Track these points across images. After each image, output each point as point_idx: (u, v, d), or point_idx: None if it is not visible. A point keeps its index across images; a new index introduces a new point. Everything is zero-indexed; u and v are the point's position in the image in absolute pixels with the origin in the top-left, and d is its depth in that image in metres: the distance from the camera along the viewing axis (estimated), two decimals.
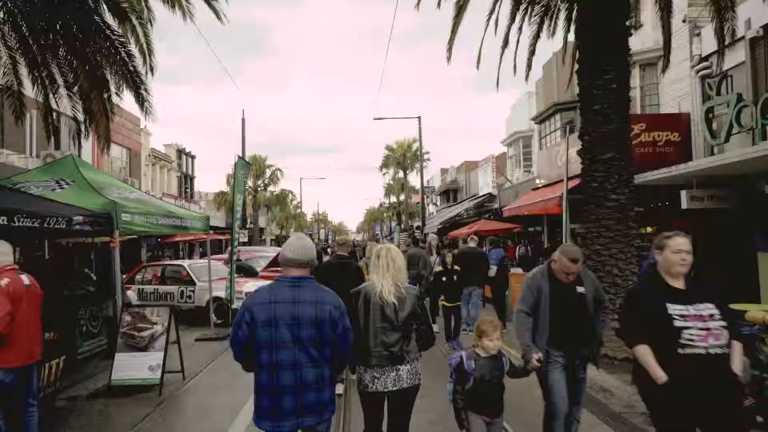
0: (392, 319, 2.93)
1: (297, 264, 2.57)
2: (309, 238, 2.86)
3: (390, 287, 2.97)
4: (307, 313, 2.47)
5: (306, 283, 2.57)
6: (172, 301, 10.14)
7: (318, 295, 2.55)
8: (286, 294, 2.50)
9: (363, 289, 3.10)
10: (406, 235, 31.66)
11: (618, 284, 6.43)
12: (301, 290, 2.52)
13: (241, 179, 8.85)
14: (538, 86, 21.51)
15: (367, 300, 3.00)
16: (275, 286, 2.56)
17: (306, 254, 2.59)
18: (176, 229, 7.16)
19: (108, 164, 22.42)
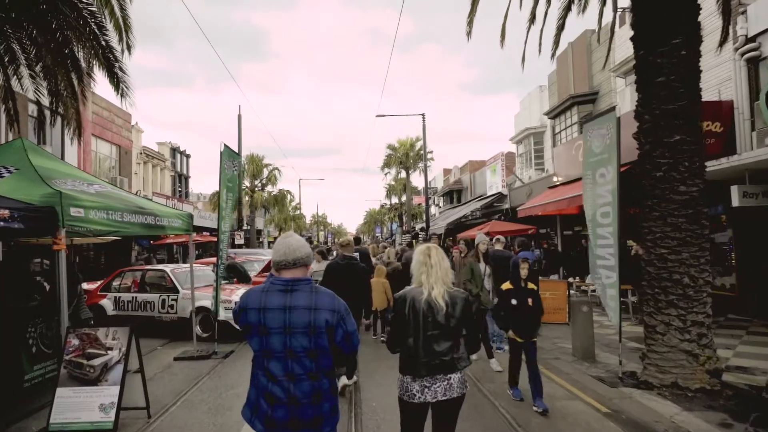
0: (443, 326, 2.73)
1: (286, 265, 2.34)
2: (297, 235, 2.51)
3: (441, 290, 2.75)
4: (300, 321, 2.24)
5: (300, 286, 2.31)
6: (151, 311, 8.91)
7: (313, 300, 2.29)
8: (277, 299, 2.27)
9: (408, 293, 2.81)
10: (410, 237, 30.44)
11: (690, 297, 5.21)
12: (294, 295, 2.29)
13: (230, 172, 7.62)
14: (551, 79, 20.37)
15: (415, 305, 2.74)
16: (268, 290, 2.32)
17: (293, 253, 2.34)
18: (149, 228, 5.94)
19: (96, 161, 21.19)
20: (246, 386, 2.49)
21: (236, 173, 7.81)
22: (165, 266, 9.68)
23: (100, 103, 21.25)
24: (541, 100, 21.45)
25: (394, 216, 44.24)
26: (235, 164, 7.66)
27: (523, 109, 23.57)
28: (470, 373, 6.08)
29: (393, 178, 38.61)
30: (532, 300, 4.84)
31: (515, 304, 4.82)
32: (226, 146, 7.51)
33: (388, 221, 55.69)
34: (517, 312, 4.82)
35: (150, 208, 6.15)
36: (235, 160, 7.73)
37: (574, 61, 17.71)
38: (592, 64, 16.63)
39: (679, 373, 5.15)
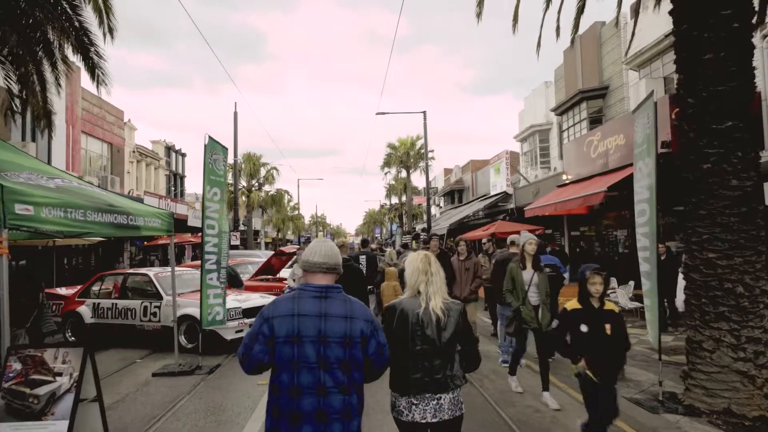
0: (434, 340, 2.53)
1: (324, 269, 2.22)
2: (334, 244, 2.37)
3: (440, 302, 2.58)
4: (336, 330, 2.11)
5: (334, 293, 2.20)
6: (133, 320, 8.17)
7: (348, 308, 2.17)
8: (312, 306, 2.13)
9: (399, 304, 2.63)
10: (410, 238, 29.69)
11: (744, 308, 4.48)
12: (328, 302, 2.16)
13: (217, 166, 6.88)
14: (557, 74, 19.66)
15: (405, 317, 2.56)
16: (299, 297, 2.16)
17: (334, 258, 2.25)
18: (120, 229, 5.21)
19: (86, 159, 20.46)
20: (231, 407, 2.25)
21: (224, 166, 7.07)
22: (149, 270, 8.93)
23: (90, 99, 20.51)
24: (546, 97, 20.74)
25: (394, 216, 43.51)
26: (218, 157, 6.91)
27: (528, 106, 22.85)
28: (487, 395, 5.35)
29: (393, 177, 37.90)
30: (612, 326, 3.43)
31: (586, 332, 3.47)
32: (210, 138, 6.77)
33: (388, 222, 54.96)
34: (589, 342, 3.48)
35: (122, 206, 5.41)
36: (220, 153, 6.98)
37: (582, 54, 16.99)
38: (602, 57, 15.91)
39: (733, 397, 4.42)
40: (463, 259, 6.91)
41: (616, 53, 15.03)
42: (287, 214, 46.19)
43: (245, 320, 7.76)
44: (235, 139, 22.70)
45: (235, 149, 22.85)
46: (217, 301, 6.90)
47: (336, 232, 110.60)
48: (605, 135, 12.12)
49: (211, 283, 6.81)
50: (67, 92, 18.49)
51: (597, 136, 12.53)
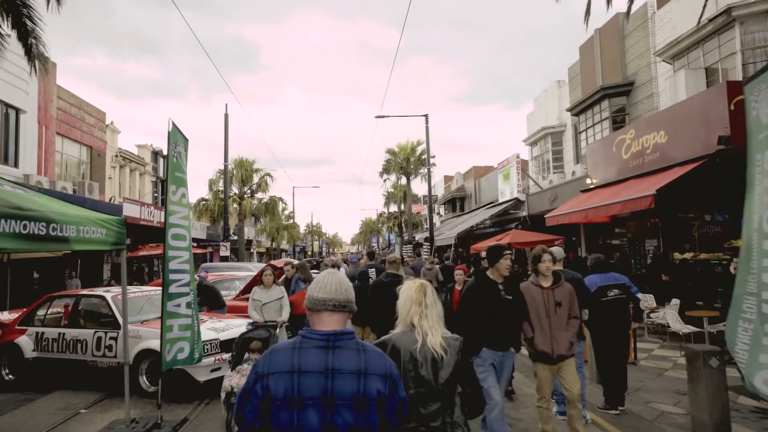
0: (430, 382, 2.24)
1: (332, 307, 1.78)
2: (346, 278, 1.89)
3: (437, 337, 2.28)
4: (345, 390, 1.67)
5: (345, 341, 1.74)
6: (83, 354, 6.56)
7: (362, 361, 1.71)
8: (317, 359, 1.70)
9: (389, 340, 2.31)
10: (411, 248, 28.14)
11: None
12: (338, 354, 1.71)
13: (182, 163, 5.35)
14: (571, 72, 18.29)
15: (396, 355, 2.23)
16: (300, 347, 1.73)
17: (345, 293, 1.82)
18: (32, 242, 3.68)
19: (61, 163, 18.84)
20: None
21: (186, 162, 5.55)
22: (107, 291, 7.32)
23: (67, 98, 18.95)
24: (559, 97, 19.38)
25: (393, 225, 41.97)
26: (181, 150, 5.39)
27: (538, 108, 21.49)
28: None
29: (392, 185, 36.39)
30: None
31: None
32: (175, 125, 5.24)
33: (386, 231, 53.39)
34: None
35: (39, 210, 3.85)
36: (183, 146, 5.46)
37: (602, 49, 15.64)
38: (625, 51, 14.54)
39: None
40: (549, 285, 4.24)
41: (643, 45, 13.67)
42: (282, 223, 44.54)
43: (223, 355, 6.17)
44: (226, 143, 21.20)
45: (226, 153, 21.34)
46: (185, 334, 5.31)
47: (332, 241, 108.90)
48: (641, 132, 10.68)
49: (179, 311, 5.24)
50: (40, 89, 16.94)
51: (630, 135, 11.09)
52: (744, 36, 10.05)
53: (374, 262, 10.90)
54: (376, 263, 10.89)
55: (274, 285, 6.61)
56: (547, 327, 4.12)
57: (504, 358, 4.01)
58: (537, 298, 4.20)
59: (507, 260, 4.04)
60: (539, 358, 4.17)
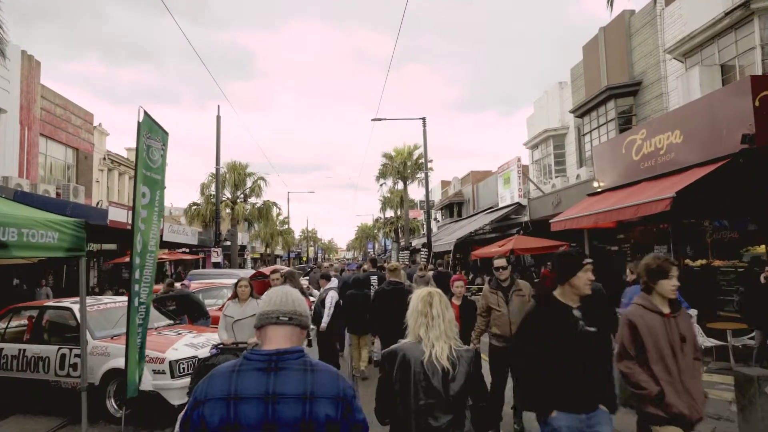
0: (440, 393, 2.16)
1: (275, 320, 1.62)
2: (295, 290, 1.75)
3: (445, 348, 2.22)
4: (289, 416, 1.50)
5: (290, 361, 1.57)
6: (46, 373, 5.85)
7: (309, 383, 1.54)
8: (256, 383, 1.53)
9: (400, 350, 2.27)
10: (408, 254, 27.49)
11: None
12: (281, 376, 1.54)
13: (152, 158, 4.68)
14: (574, 73, 17.76)
15: (407, 366, 2.20)
16: (239, 369, 1.56)
17: (290, 304, 1.65)
18: None
19: (45, 165, 18.09)
20: None
21: (163, 159, 4.88)
22: (74, 302, 6.61)
23: (52, 98, 18.24)
24: (561, 99, 18.84)
25: (390, 230, 41.29)
26: (155, 144, 4.72)
27: (539, 110, 20.96)
28: None
29: (389, 189, 35.76)
30: None
31: None
32: (147, 114, 4.58)
33: (382, 237, 52.73)
34: None
35: None
36: (159, 139, 4.80)
37: (607, 48, 15.11)
38: (632, 49, 14.01)
39: None
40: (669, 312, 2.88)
41: (651, 43, 13.14)
42: (276, 228, 43.79)
43: None
44: (218, 145, 20.55)
45: (217, 156, 20.70)
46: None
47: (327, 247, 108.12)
48: (653, 133, 10.10)
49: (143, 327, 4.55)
50: (22, 88, 16.24)
51: (641, 135, 10.51)
52: (764, 30, 9.50)
53: (375, 269, 10.27)
54: (377, 270, 10.25)
55: (250, 299, 5.59)
56: (677, 374, 2.72)
57: (592, 422, 2.65)
58: (658, 330, 2.76)
59: (588, 273, 2.80)
60: (673, 423, 2.71)
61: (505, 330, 4.69)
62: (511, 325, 4.63)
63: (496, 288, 4.88)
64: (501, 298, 4.79)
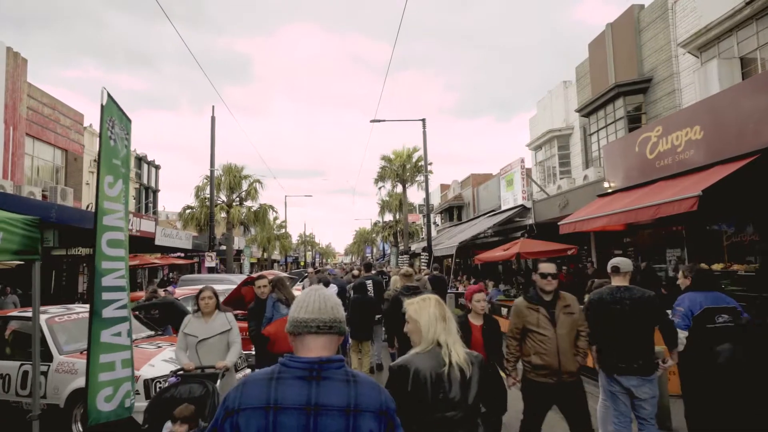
0: (459, 403, 2.08)
1: (315, 329, 1.52)
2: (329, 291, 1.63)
3: (461, 352, 2.19)
4: (330, 430, 1.40)
5: (332, 371, 1.48)
6: (6, 392, 5.20)
7: (353, 395, 1.45)
8: (298, 392, 1.43)
9: (410, 364, 2.13)
10: (407, 258, 26.87)
11: None
12: (323, 386, 1.45)
13: (119, 145, 4.07)
14: (579, 72, 17.23)
15: (422, 380, 2.08)
16: (278, 377, 1.46)
17: (330, 311, 1.54)
18: None
19: (32, 167, 17.44)
20: None
21: (128, 148, 4.26)
22: (43, 312, 5.95)
23: (40, 98, 17.61)
24: (566, 98, 18.31)
25: (389, 234, 40.67)
26: (119, 131, 4.10)
27: (542, 111, 20.42)
28: None
29: (388, 193, 35.14)
30: None
31: None
32: (110, 97, 3.97)
33: (380, 241, 52.08)
34: None
35: None
36: (123, 126, 4.19)
37: (614, 44, 14.58)
38: (641, 45, 13.48)
39: None
40: None
41: (662, 38, 12.60)
42: (273, 232, 43.11)
43: None
44: (212, 147, 19.93)
45: (212, 158, 20.07)
46: (126, 373, 3.99)
47: (325, 251, 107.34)
48: (669, 129, 9.53)
49: (120, 342, 3.92)
50: (7, 87, 15.62)
51: (656, 132, 9.94)
52: None
53: (372, 274, 9.65)
54: (373, 274, 9.66)
55: (217, 312, 4.68)
56: None
57: None
58: None
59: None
60: None
61: (551, 360, 3.59)
62: (560, 355, 3.57)
63: (536, 302, 3.75)
64: (544, 317, 3.68)
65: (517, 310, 3.84)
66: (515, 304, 3.95)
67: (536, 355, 3.65)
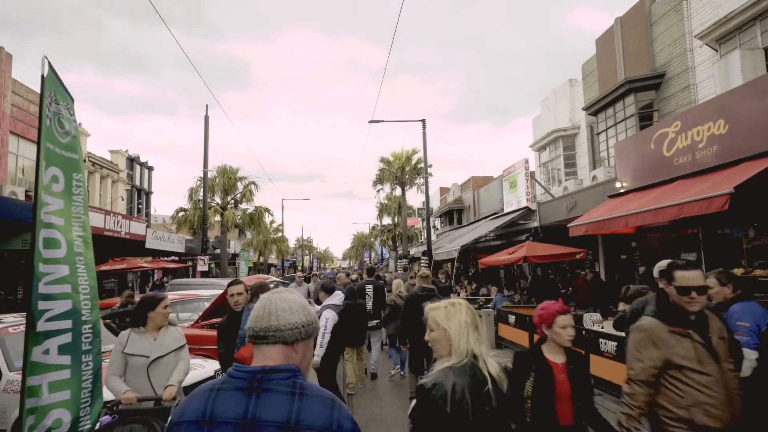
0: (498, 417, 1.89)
1: (251, 338, 1.40)
2: (294, 294, 1.48)
3: (493, 363, 1.99)
4: None
5: (276, 382, 1.33)
6: None
7: (294, 410, 1.29)
8: (234, 405, 1.30)
9: (447, 379, 1.89)
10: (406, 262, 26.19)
11: None
12: (263, 399, 1.30)
13: (61, 128, 3.40)
14: (586, 69, 16.64)
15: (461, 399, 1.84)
16: (219, 388, 1.35)
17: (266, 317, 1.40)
18: None
19: (15, 166, 16.74)
20: None
21: (75, 130, 3.58)
22: None
23: (25, 94, 16.94)
24: (572, 97, 17.71)
25: (387, 238, 39.99)
26: (61, 110, 3.43)
27: (546, 110, 19.82)
28: None
29: (386, 196, 34.47)
30: None
31: None
32: (52, 69, 3.30)
33: (379, 245, 51.39)
34: None
35: None
36: (68, 105, 3.51)
37: (624, 39, 13.99)
38: (653, 39, 12.88)
39: None
40: None
41: (676, 32, 12.01)
42: (269, 236, 42.37)
43: None
44: (206, 147, 19.24)
45: (205, 158, 19.37)
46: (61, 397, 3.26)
47: (323, 256, 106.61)
48: (689, 124, 8.91)
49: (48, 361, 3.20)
50: None
51: (674, 127, 9.31)
52: None
53: (372, 278, 9.01)
54: (374, 279, 9.03)
55: (169, 327, 3.82)
56: None
57: None
58: None
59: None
60: None
61: (722, 413, 2.38)
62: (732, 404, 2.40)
63: (684, 325, 2.51)
64: (700, 346, 2.46)
65: (654, 337, 2.52)
66: (645, 328, 2.58)
67: (697, 409, 2.38)
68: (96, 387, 3.47)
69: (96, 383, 3.47)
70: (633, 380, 2.55)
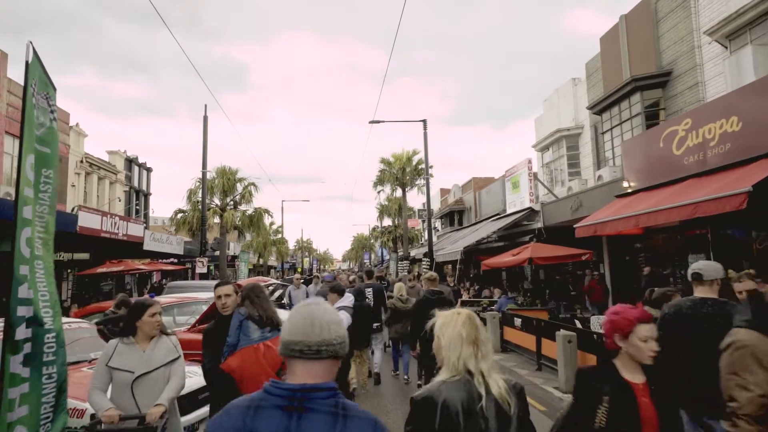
0: None
1: (299, 353, 1.31)
2: (327, 305, 1.40)
3: (500, 382, 1.81)
4: None
5: (318, 401, 1.27)
6: None
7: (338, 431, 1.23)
8: (274, 424, 1.24)
9: (437, 394, 1.78)
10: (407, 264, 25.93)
11: None
12: (305, 419, 1.24)
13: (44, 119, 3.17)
14: (590, 68, 16.41)
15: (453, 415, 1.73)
16: (257, 406, 1.28)
17: (318, 331, 1.32)
18: None
19: (10, 166, 16.49)
20: None
21: (54, 121, 3.35)
22: None
23: (20, 93, 16.70)
24: (575, 96, 17.49)
25: (387, 240, 39.75)
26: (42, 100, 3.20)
27: (549, 110, 19.60)
28: None
29: (387, 197, 34.24)
30: None
31: None
32: (37, 56, 3.07)
33: (379, 247, 51.14)
34: None
35: None
36: (47, 95, 3.28)
37: (629, 37, 13.77)
38: (659, 36, 12.65)
39: None
40: None
41: (683, 28, 11.78)
42: (269, 238, 42.12)
43: None
44: (204, 147, 18.99)
45: (204, 159, 19.13)
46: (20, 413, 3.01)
47: (323, 257, 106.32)
48: (700, 122, 8.67)
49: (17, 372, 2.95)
50: None
51: (684, 125, 9.07)
52: None
53: (372, 281, 8.78)
54: (374, 282, 8.81)
55: (162, 337, 3.45)
56: None
57: None
58: None
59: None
60: None
61: None
62: None
63: None
64: None
65: (760, 354, 2.05)
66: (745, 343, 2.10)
67: None
68: (60, 402, 3.20)
69: (59, 397, 3.20)
70: (739, 416, 2.02)
